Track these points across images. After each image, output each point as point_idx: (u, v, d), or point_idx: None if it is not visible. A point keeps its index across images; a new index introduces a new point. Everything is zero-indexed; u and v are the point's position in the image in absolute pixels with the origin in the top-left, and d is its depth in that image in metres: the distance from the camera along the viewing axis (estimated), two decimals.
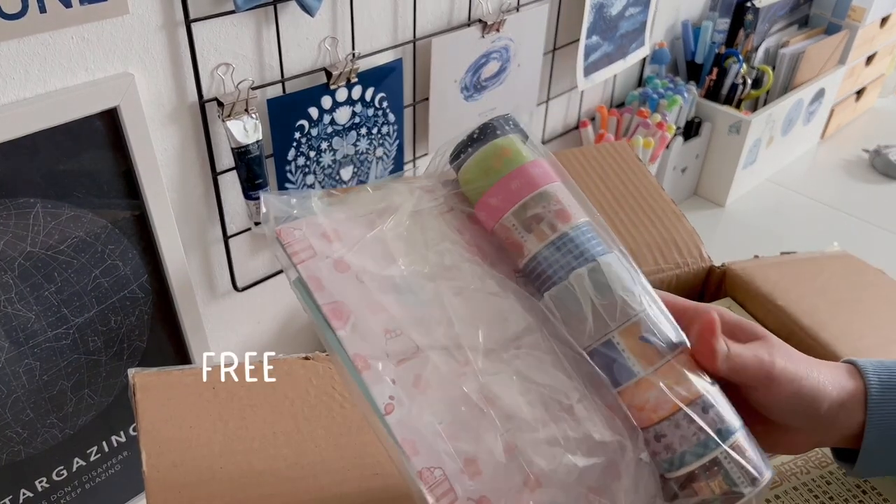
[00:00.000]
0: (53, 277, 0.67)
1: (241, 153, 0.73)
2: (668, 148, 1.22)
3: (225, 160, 0.76)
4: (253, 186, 0.76)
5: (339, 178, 0.86)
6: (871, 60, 1.54)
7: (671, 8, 1.27)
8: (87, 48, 0.62)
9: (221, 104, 0.71)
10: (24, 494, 0.75)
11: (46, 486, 0.77)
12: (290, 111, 0.77)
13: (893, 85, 1.73)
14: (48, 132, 0.62)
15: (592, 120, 1.23)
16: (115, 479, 0.83)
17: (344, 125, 0.83)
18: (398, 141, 0.90)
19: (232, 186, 0.78)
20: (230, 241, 0.81)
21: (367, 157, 0.88)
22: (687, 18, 1.31)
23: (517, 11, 0.95)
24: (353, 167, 0.87)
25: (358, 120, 0.84)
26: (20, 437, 0.72)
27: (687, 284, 0.70)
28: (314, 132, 0.80)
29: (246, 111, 0.72)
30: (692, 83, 1.30)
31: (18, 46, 0.58)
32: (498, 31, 0.92)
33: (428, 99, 0.91)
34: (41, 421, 0.73)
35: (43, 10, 0.57)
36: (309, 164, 0.82)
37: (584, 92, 1.20)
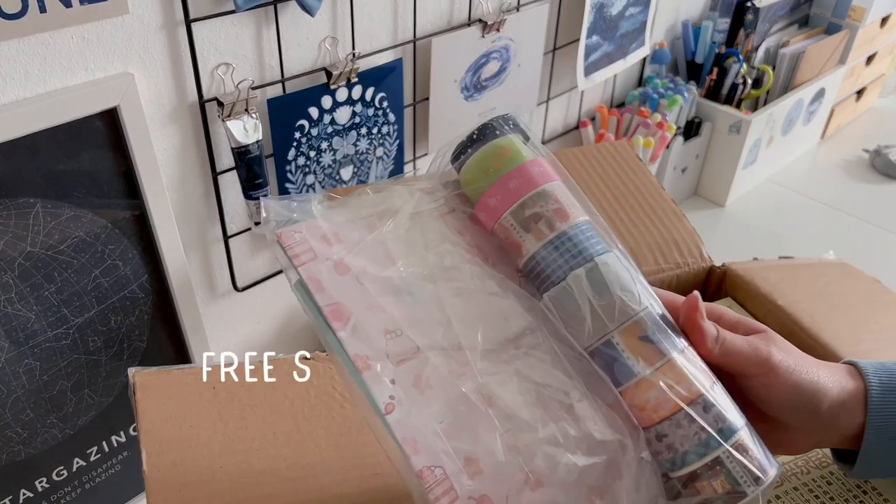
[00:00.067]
0: (53, 277, 0.67)
1: (241, 153, 0.73)
2: (668, 148, 1.22)
3: (225, 160, 0.76)
4: (253, 186, 0.76)
5: (339, 177, 0.86)
6: (871, 60, 1.54)
7: (671, 8, 1.27)
8: (87, 48, 0.62)
9: (221, 104, 0.71)
10: (24, 494, 0.75)
11: (46, 486, 0.77)
12: (290, 111, 0.77)
13: (893, 85, 1.73)
14: (48, 132, 0.62)
15: (592, 120, 1.23)
16: (115, 479, 0.83)
17: (344, 125, 0.83)
18: (398, 141, 0.90)
19: (232, 186, 0.78)
20: (230, 240, 0.81)
21: (367, 156, 0.88)
22: (687, 18, 1.31)
23: (517, 11, 0.95)
24: (353, 167, 0.87)
25: (358, 120, 0.84)
26: (20, 437, 0.72)
27: (687, 284, 0.70)
28: (314, 132, 0.80)
29: (246, 111, 0.72)
30: (692, 83, 1.30)
31: (18, 46, 0.58)
32: (498, 30, 0.92)
33: (428, 99, 0.91)
34: (41, 421, 0.73)
35: (43, 9, 0.57)
36: (309, 163, 0.82)
37: (584, 92, 1.20)
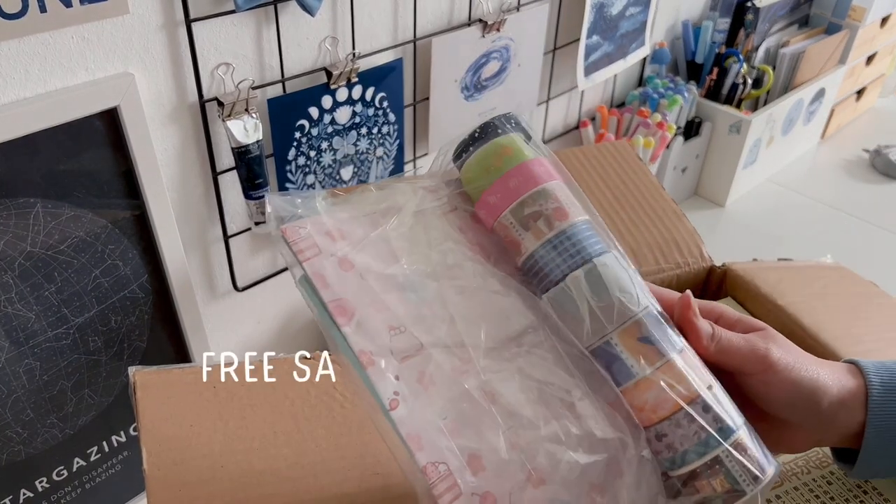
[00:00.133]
0: (53, 277, 0.67)
1: (241, 153, 0.73)
2: (668, 148, 1.22)
3: (225, 160, 0.76)
4: (253, 186, 0.76)
5: (339, 177, 0.86)
6: (871, 60, 1.54)
7: (671, 8, 1.27)
8: (87, 48, 0.62)
9: (222, 104, 0.71)
10: (24, 494, 0.75)
11: (47, 486, 0.77)
12: (290, 111, 0.77)
13: (894, 85, 1.73)
14: (48, 132, 0.62)
15: (593, 120, 1.23)
16: (115, 479, 0.83)
17: (344, 125, 0.83)
18: (398, 140, 0.90)
19: (232, 186, 0.78)
20: (230, 240, 0.81)
21: (367, 156, 0.88)
22: (687, 18, 1.31)
23: (517, 11, 0.95)
24: (353, 167, 0.87)
25: (358, 120, 0.84)
26: (20, 437, 0.72)
27: (688, 284, 0.70)
28: (314, 132, 0.80)
29: (246, 111, 0.72)
30: (692, 83, 1.30)
31: (18, 46, 0.58)
32: (498, 30, 0.92)
33: (428, 99, 0.91)
34: (41, 421, 0.73)
35: (43, 9, 0.57)
36: (309, 163, 0.82)
37: (584, 92, 1.20)
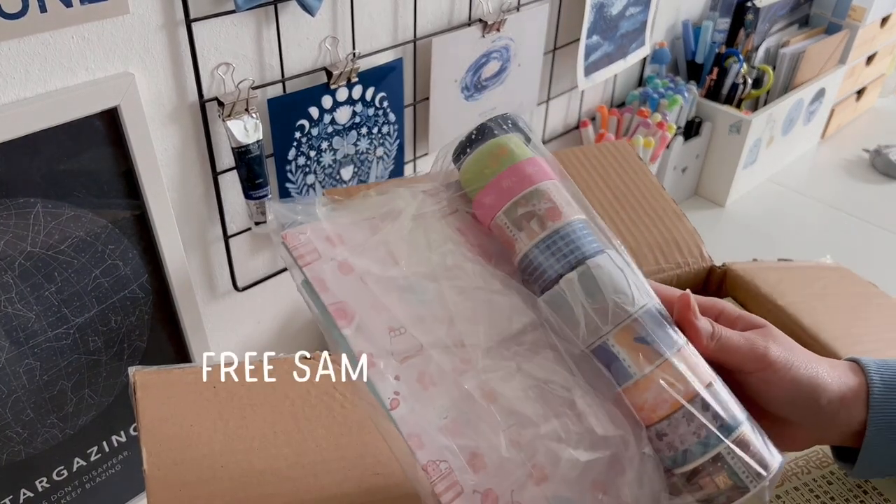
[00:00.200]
0: (54, 277, 0.67)
1: (241, 153, 0.73)
2: (668, 148, 1.22)
3: (225, 160, 0.76)
4: (253, 186, 0.76)
5: (339, 177, 0.86)
6: (871, 60, 1.54)
7: (671, 8, 1.27)
8: (87, 48, 0.62)
9: (222, 104, 0.71)
10: (24, 494, 0.75)
11: (47, 486, 0.77)
12: (290, 111, 0.77)
13: (894, 85, 1.73)
14: (48, 132, 0.62)
15: (593, 120, 1.23)
16: (115, 478, 0.83)
17: (344, 125, 0.83)
18: (398, 140, 0.90)
19: (232, 186, 0.78)
20: (230, 240, 0.81)
21: (367, 156, 0.88)
22: (687, 18, 1.31)
23: (517, 11, 0.95)
24: (353, 167, 0.87)
25: (358, 119, 0.84)
26: (20, 437, 0.72)
27: (687, 284, 0.70)
28: (314, 132, 0.80)
29: (246, 111, 0.72)
30: (692, 83, 1.30)
31: (19, 46, 0.58)
32: (498, 30, 0.92)
33: (428, 99, 0.91)
34: (41, 421, 0.73)
35: (43, 9, 0.57)
36: (309, 163, 0.82)
37: (584, 92, 1.20)
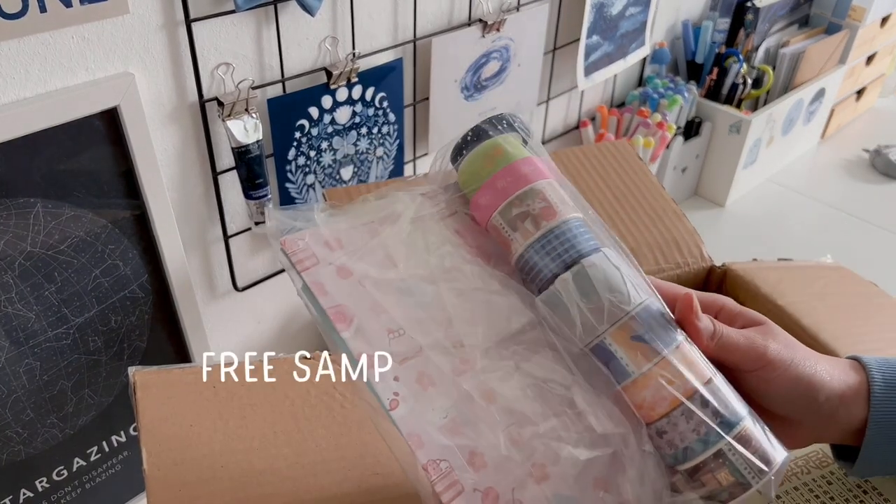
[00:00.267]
0: (53, 277, 0.67)
1: (241, 153, 0.73)
2: (668, 148, 1.22)
3: (225, 160, 0.76)
4: (253, 186, 0.76)
5: (339, 177, 0.86)
6: (871, 60, 1.54)
7: (671, 8, 1.27)
8: (87, 48, 0.62)
9: (222, 104, 0.71)
10: (24, 494, 0.75)
11: (47, 486, 0.77)
12: (290, 111, 0.77)
13: (893, 85, 1.73)
14: (48, 132, 0.62)
15: (593, 120, 1.23)
16: (115, 478, 0.83)
17: (344, 125, 0.83)
18: (398, 140, 0.90)
19: (232, 186, 0.78)
20: (230, 240, 0.81)
21: (367, 156, 0.88)
22: (687, 18, 1.31)
23: (517, 11, 0.95)
24: (353, 167, 0.87)
25: (358, 119, 0.84)
26: (20, 437, 0.72)
27: (687, 284, 0.70)
28: (314, 132, 0.80)
29: (246, 111, 0.72)
30: (692, 83, 1.30)
31: (19, 46, 0.58)
32: (498, 30, 0.92)
33: (428, 99, 0.91)
34: (41, 421, 0.73)
35: (43, 9, 0.57)
36: (309, 163, 0.82)
37: (584, 92, 1.20)
